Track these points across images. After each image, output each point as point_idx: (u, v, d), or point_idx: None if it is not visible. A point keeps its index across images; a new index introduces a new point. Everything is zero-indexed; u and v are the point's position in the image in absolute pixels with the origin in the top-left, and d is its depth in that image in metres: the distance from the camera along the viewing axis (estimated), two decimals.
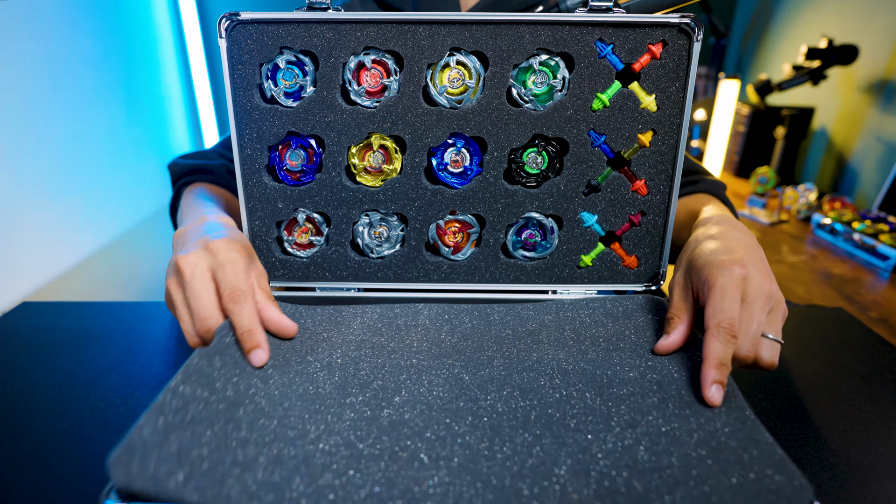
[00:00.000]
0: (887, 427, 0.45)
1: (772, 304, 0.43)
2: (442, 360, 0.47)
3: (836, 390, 0.50)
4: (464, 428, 0.38)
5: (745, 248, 0.45)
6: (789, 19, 2.03)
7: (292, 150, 0.55)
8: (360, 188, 0.56)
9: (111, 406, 0.48)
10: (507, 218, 0.56)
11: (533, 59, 0.52)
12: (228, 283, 0.44)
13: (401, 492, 0.33)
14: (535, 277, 0.58)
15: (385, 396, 0.42)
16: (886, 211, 1.35)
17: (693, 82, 0.52)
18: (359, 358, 0.47)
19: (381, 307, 0.55)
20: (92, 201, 1.35)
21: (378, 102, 0.53)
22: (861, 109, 1.60)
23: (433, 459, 0.35)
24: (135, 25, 1.58)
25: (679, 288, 0.48)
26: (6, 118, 1.10)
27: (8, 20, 1.10)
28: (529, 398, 0.41)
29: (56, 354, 0.56)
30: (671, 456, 0.35)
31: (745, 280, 0.42)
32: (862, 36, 1.58)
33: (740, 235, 0.48)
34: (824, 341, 0.59)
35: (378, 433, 0.38)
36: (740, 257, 0.44)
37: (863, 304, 1.03)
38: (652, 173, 0.55)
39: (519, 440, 0.37)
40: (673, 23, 0.50)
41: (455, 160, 0.55)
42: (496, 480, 0.34)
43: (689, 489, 0.33)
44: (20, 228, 1.12)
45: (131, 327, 0.62)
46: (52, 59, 1.23)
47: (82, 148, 1.32)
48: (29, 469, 0.41)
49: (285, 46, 0.52)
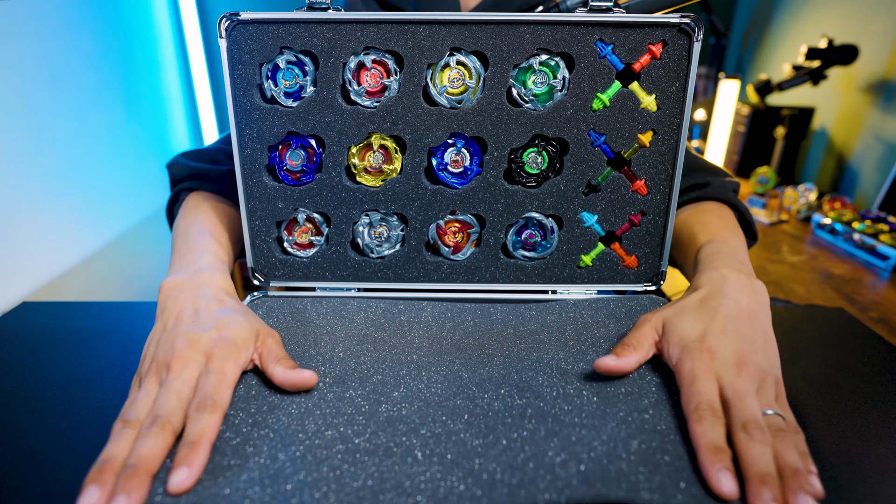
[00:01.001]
0: (887, 427, 0.45)
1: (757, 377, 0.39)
2: (442, 356, 0.47)
3: (836, 390, 0.50)
4: (459, 425, 0.39)
5: (724, 321, 0.42)
6: (789, 19, 2.03)
7: (292, 150, 0.55)
8: (361, 188, 0.56)
9: (111, 406, 0.48)
10: (507, 218, 0.57)
11: (533, 59, 0.52)
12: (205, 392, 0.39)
13: (392, 485, 0.33)
14: (535, 277, 0.58)
15: (384, 391, 0.42)
16: (886, 211, 1.35)
17: (693, 82, 0.52)
18: (360, 352, 0.48)
19: (386, 302, 0.56)
20: (92, 201, 1.35)
21: (378, 102, 0.53)
22: (861, 109, 1.60)
23: (427, 456, 0.36)
24: (135, 25, 1.58)
25: (649, 328, 0.45)
26: (6, 118, 1.10)
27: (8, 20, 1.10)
28: (527, 397, 0.42)
29: (56, 354, 0.56)
30: (665, 455, 0.35)
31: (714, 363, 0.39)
32: (862, 36, 1.58)
33: (729, 301, 0.44)
34: (824, 341, 0.59)
35: (375, 428, 0.38)
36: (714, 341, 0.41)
37: (863, 304, 1.03)
38: (652, 173, 0.55)
39: (513, 436, 0.37)
40: (673, 23, 0.50)
41: (455, 160, 0.55)
42: (487, 476, 0.34)
43: (683, 488, 0.33)
44: (20, 228, 1.12)
45: (131, 327, 0.62)
46: (52, 58, 1.23)
47: (82, 148, 1.32)
48: (29, 469, 0.41)
49: (285, 46, 0.52)
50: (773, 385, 0.40)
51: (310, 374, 0.42)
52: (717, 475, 0.33)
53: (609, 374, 0.43)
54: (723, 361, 0.40)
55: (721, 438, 0.35)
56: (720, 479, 0.33)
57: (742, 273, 0.47)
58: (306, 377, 0.42)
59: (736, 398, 0.37)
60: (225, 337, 0.43)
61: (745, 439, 0.35)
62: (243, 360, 0.43)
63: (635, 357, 0.44)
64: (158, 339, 0.43)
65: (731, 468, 0.33)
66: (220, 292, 0.48)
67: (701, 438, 0.35)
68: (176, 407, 0.37)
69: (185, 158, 0.66)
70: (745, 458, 0.34)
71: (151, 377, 0.40)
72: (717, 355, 0.40)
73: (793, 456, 0.34)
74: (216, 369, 0.40)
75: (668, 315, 0.45)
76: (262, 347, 0.44)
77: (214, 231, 0.57)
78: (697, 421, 0.36)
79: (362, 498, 0.32)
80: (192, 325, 0.43)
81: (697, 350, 0.41)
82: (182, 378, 0.39)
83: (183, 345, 0.41)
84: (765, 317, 0.44)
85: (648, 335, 0.45)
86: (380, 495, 0.33)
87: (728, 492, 0.32)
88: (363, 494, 0.33)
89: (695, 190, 0.63)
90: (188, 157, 0.66)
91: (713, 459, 0.34)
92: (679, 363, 0.41)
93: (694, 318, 0.43)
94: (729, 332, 0.41)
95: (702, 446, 0.35)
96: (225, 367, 0.41)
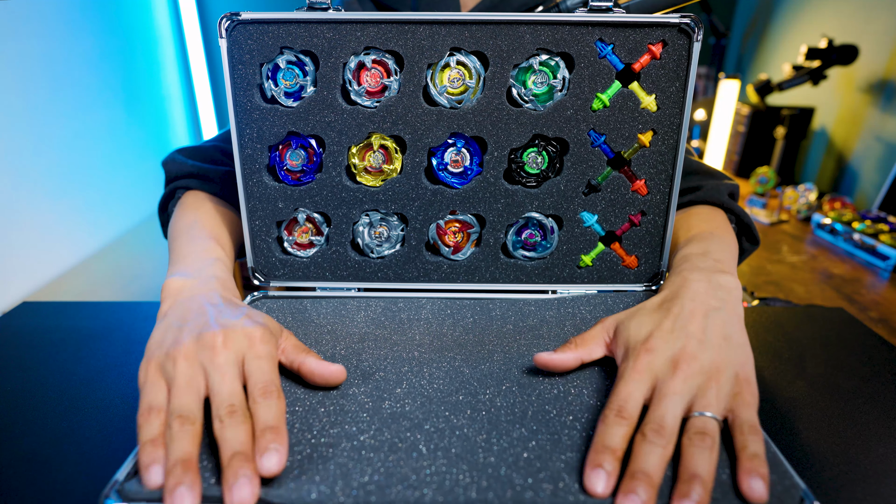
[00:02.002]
0: (887, 427, 0.45)
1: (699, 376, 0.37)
2: (443, 353, 0.48)
3: (836, 390, 0.50)
4: (462, 420, 0.39)
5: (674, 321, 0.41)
6: (789, 19, 2.03)
7: (292, 149, 0.55)
8: (361, 188, 0.56)
9: (111, 406, 0.48)
10: (507, 218, 0.57)
11: (533, 59, 0.52)
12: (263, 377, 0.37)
13: (399, 479, 0.34)
14: (535, 277, 0.58)
15: (386, 388, 0.43)
16: (886, 211, 1.35)
17: (693, 82, 0.52)
18: (361, 350, 0.48)
19: (385, 301, 0.56)
20: (92, 201, 1.35)
21: (378, 102, 0.53)
22: (861, 109, 1.60)
23: (431, 450, 0.36)
24: (135, 25, 1.58)
25: (600, 329, 0.45)
26: (6, 118, 1.10)
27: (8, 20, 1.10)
28: (527, 393, 0.42)
29: (56, 354, 0.56)
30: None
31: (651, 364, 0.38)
32: (862, 36, 1.58)
33: (685, 301, 0.43)
34: (824, 341, 0.59)
35: (379, 425, 0.39)
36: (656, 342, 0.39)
37: (863, 304, 1.03)
38: (652, 173, 0.55)
39: (516, 434, 0.38)
40: (673, 23, 0.50)
41: (455, 160, 0.55)
42: (492, 470, 0.35)
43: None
44: (20, 228, 1.12)
45: (131, 327, 0.62)
46: (52, 59, 1.23)
47: (82, 148, 1.32)
48: (29, 469, 0.41)
49: (285, 46, 0.52)
50: (727, 384, 0.37)
51: (340, 368, 0.42)
52: (591, 473, 0.33)
53: (546, 368, 0.43)
54: (661, 360, 0.38)
55: (615, 439, 0.34)
56: (591, 476, 0.33)
57: (708, 272, 0.46)
58: (337, 370, 0.42)
59: (657, 399, 0.36)
60: (259, 322, 0.42)
61: (639, 441, 0.34)
62: (278, 349, 0.42)
63: (574, 354, 0.44)
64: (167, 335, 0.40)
65: (610, 469, 0.33)
66: (234, 297, 0.48)
67: (595, 438, 0.35)
68: (237, 391, 0.36)
69: (183, 156, 0.64)
70: (632, 456, 0.34)
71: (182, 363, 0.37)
72: (656, 354, 0.39)
73: (700, 463, 0.33)
74: (265, 353, 0.39)
75: (622, 317, 0.45)
76: (288, 341, 0.44)
77: (219, 236, 0.57)
78: (601, 421, 0.36)
79: (370, 493, 0.33)
80: (220, 314, 0.41)
81: (637, 350, 0.40)
82: (229, 361, 0.37)
83: (219, 328, 0.39)
84: (727, 314, 0.42)
85: (597, 336, 0.45)
86: (387, 489, 0.33)
87: (599, 491, 0.32)
88: (370, 489, 0.33)
89: (687, 194, 0.62)
90: (186, 155, 0.65)
91: (594, 459, 0.34)
92: (621, 364, 0.41)
93: (645, 320, 0.43)
94: (676, 330, 0.40)
95: (592, 445, 0.35)
96: (271, 351, 0.40)
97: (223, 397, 0.36)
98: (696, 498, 0.31)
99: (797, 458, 0.42)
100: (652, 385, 0.38)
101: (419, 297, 0.57)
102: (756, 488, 0.32)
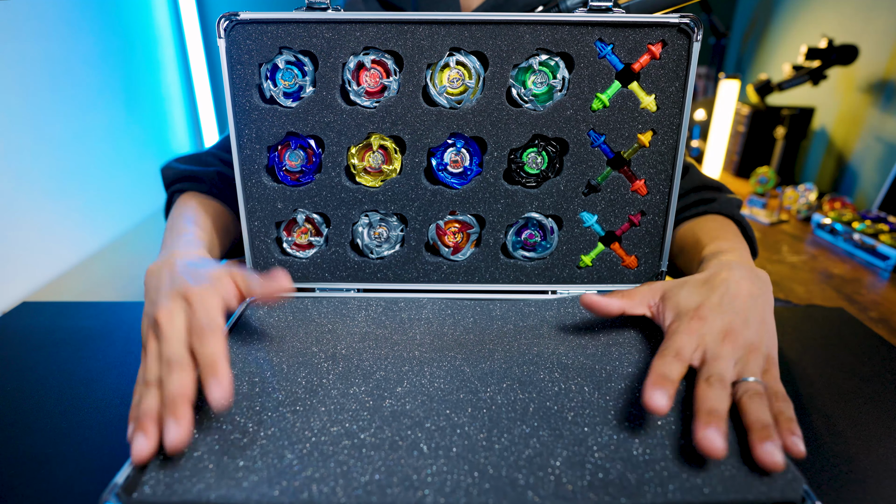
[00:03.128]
0: (887, 427, 0.45)
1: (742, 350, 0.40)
2: (444, 352, 0.48)
3: (836, 390, 0.50)
4: (463, 419, 0.39)
5: (721, 297, 0.44)
6: (789, 19, 2.03)
7: (292, 150, 0.55)
8: (360, 188, 0.56)
9: (111, 406, 0.48)
10: (507, 218, 0.56)
11: (533, 59, 0.52)
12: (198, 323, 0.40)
13: (399, 479, 0.34)
14: (535, 277, 0.58)
15: (387, 387, 0.43)
16: (886, 211, 1.35)
17: (693, 82, 0.51)
18: (362, 349, 0.48)
19: (386, 300, 0.56)
20: (92, 201, 1.35)
21: (378, 102, 0.53)
22: (861, 109, 1.60)
23: (432, 449, 0.36)
24: (135, 25, 1.58)
25: (647, 289, 0.48)
26: (6, 118, 1.10)
27: (8, 20, 1.10)
28: (528, 391, 0.42)
29: (56, 354, 0.56)
30: (665, 449, 0.36)
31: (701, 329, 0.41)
32: (862, 36, 1.58)
33: (730, 283, 0.45)
34: (824, 341, 0.59)
35: (380, 423, 0.39)
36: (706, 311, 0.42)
37: (863, 304, 1.03)
38: (652, 173, 0.55)
39: (517, 432, 0.38)
40: (672, 23, 0.50)
41: (455, 160, 0.55)
42: (493, 470, 0.34)
43: (682, 481, 0.33)
44: (20, 228, 1.12)
45: (131, 327, 0.62)
46: (52, 59, 1.23)
47: (82, 148, 1.32)
48: (29, 469, 0.41)
49: (284, 46, 0.52)
50: (762, 360, 0.40)
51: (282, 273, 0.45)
52: (654, 392, 0.36)
53: (590, 308, 0.47)
54: (710, 329, 0.41)
55: (673, 372, 0.37)
56: (655, 395, 0.36)
57: (745, 263, 0.49)
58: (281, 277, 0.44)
59: (711, 358, 0.39)
60: (198, 277, 0.43)
61: (705, 387, 0.36)
62: (224, 292, 0.43)
63: (619, 304, 0.47)
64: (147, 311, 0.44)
65: (672, 392, 0.36)
66: (194, 256, 0.49)
67: (653, 369, 0.38)
68: (181, 349, 0.38)
69: (177, 163, 0.68)
70: (698, 398, 0.36)
71: (150, 341, 0.41)
72: (706, 323, 0.42)
73: (763, 413, 0.35)
74: (199, 305, 0.41)
75: (668, 286, 0.48)
76: (237, 277, 0.45)
77: (197, 219, 0.59)
78: (659, 357, 0.39)
79: (370, 492, 0.33)
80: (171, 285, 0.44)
81: (689, 316, 0.43)
82: (174, 324, 0.40)
83: (164, 299, 0.42)
84: (764, 301, 0.44)
85: (644, 295, 0.48)
86: (387, 489, 0.33)
87: (662, 405, 0.35)
88: (371, 489, 0.33)
89: (702, 205, 0.65)
90: (179, 161, 0.69)
91: (655, 381, 0.37)
92: (670, 326, 0.44)
93: (693, 291, 0.46)
94: (724, 305, 0.43)
95: (649, 376, 0.37)
96: (208, 301, 0.41)
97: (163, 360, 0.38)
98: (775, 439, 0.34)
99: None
100: (700, 348, 0.40)
101: (420, 297, 0.57)
102: (797, 444, 0.35)
